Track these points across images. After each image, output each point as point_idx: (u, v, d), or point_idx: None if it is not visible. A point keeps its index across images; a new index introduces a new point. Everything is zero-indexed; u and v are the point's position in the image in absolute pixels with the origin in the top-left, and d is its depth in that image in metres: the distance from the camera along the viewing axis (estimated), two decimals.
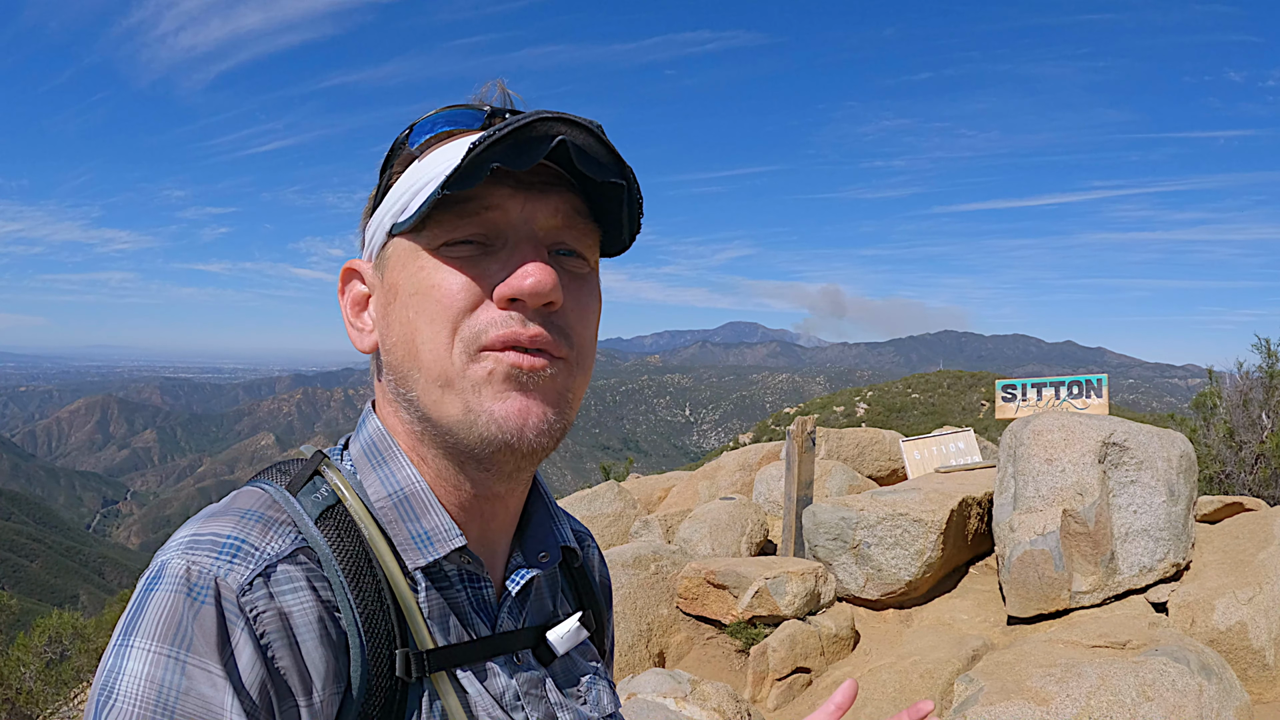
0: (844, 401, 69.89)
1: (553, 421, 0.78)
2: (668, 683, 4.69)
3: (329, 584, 0.76)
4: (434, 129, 0.81)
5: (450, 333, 0.76)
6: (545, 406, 0.78)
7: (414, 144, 0.81)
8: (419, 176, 0.78)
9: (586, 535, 1.10)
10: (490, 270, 0.77)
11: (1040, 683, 4.26)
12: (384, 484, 0.82)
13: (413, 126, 0.82)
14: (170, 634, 0.68)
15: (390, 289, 0.80)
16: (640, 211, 0.82)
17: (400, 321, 0.79)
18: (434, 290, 0.76)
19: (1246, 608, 5.33)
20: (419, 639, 0.78)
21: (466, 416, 0.77)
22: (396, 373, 0.81)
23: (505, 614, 0.86)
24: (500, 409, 0.76)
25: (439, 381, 0.77)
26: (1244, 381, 10.62)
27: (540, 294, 0.75)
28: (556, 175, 0.79)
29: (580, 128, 0.74)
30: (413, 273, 0.78)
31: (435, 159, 0.78)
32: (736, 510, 8.46)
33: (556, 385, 0.79)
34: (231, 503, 0.79)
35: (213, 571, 0.71)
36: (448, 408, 0.77)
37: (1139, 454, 6.00)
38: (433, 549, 0.80)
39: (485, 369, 0.76)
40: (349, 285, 0.88)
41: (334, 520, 0.79)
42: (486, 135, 0.71)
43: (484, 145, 0.71)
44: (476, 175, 0.72)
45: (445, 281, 0.76)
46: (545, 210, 0.78)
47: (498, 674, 0.83)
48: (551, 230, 0.79)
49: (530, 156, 0.73)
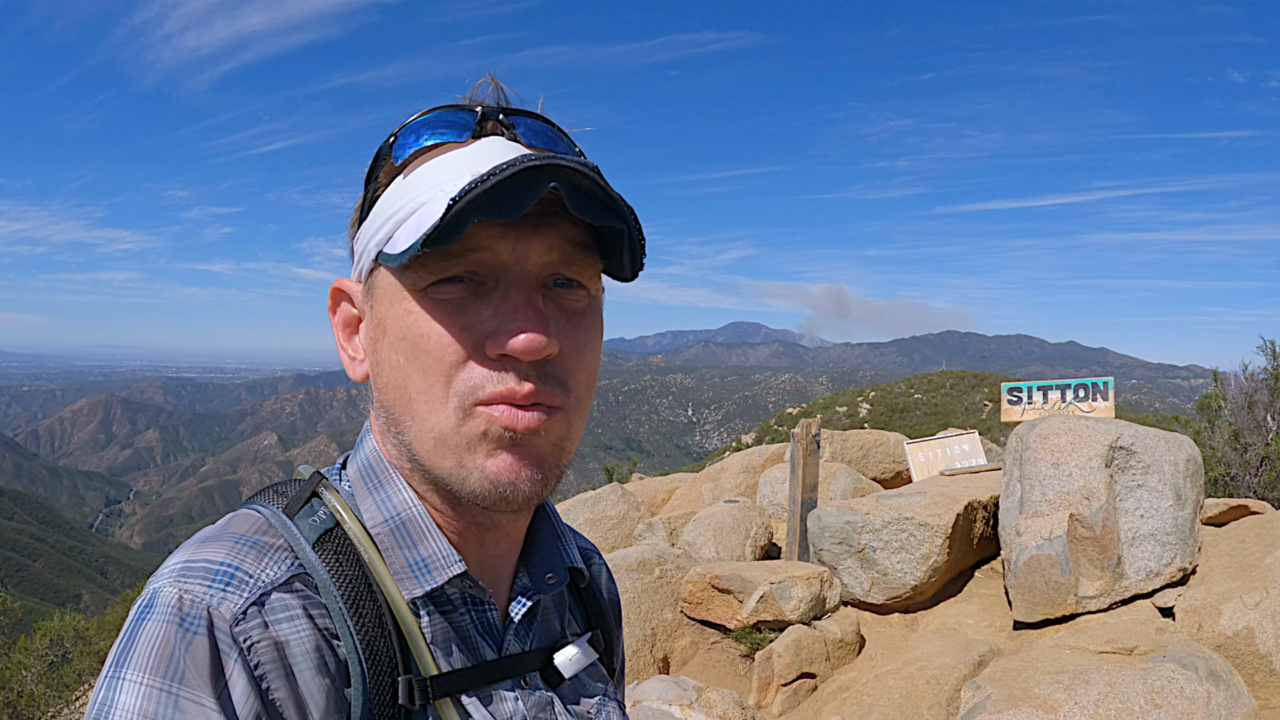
0: (847, 402, 69.92)
1: (546, 475, 0.75)
2: (672, 689, 4.66)
3: (327, 611, 0.73)
4: (419, 140, 0.76)
5: (444, 387, 0.73)
6: (538, 462, 0.75)
7: (399, 156, 0.77)
8: (402, 201, 0.74)
9: (593, 553, 1.07)
10: (481, 317, 0.72)
11: (1048, 690, 4.23)
12: (380, 509, 0.80)
13: (396, 134, 0.77)
14: (162, 666, 0.65)
15: (379, 324, 0.76)
16: (643, 251, 0.76)
17: (391, 365, 0.75)
18: (423, 340, 0.72)
19: (1254, 612, 5.30)
20: (422, 665, 0.76)
21: (459, 471, 0.74)
22: (389, 413, 0.77)
23: (511, 637, 0.83)
24: (493, 466, 0.73)
25: (433, 435, 0.74)
26: (1249, 383, 10.58)
27: (533, 353, 0.71)
28: (553, 206, 0.73)
29: (574, 171, 0.69)
30: (400, 315, 0.74)
31: (419, 180, 0.74)
32: (741, 513, 8.43)
33: (552, 439, 0.75)
34: (226, 527, 0.77)
35: (205, 601, 0.68)
36: (441, 460, 0.75)
37: (1145, 458, 5.97)
38: (430, 577, 0.77)
39: (479, 428, 0.73)
40: (339, 306, 0.84)
41: (332, 544, 0.76)
42: (469, 187, 0.66)
43: (465, 200, 0.66)
44: (457, 230, 0.68)
45: (433, 332, 0.72)
46: (538, 248, 0.73)
47: (504, 698, 0.80)
48: (547, 265, 0.74)
49: (518, 206, 0.68)
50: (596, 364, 0.81)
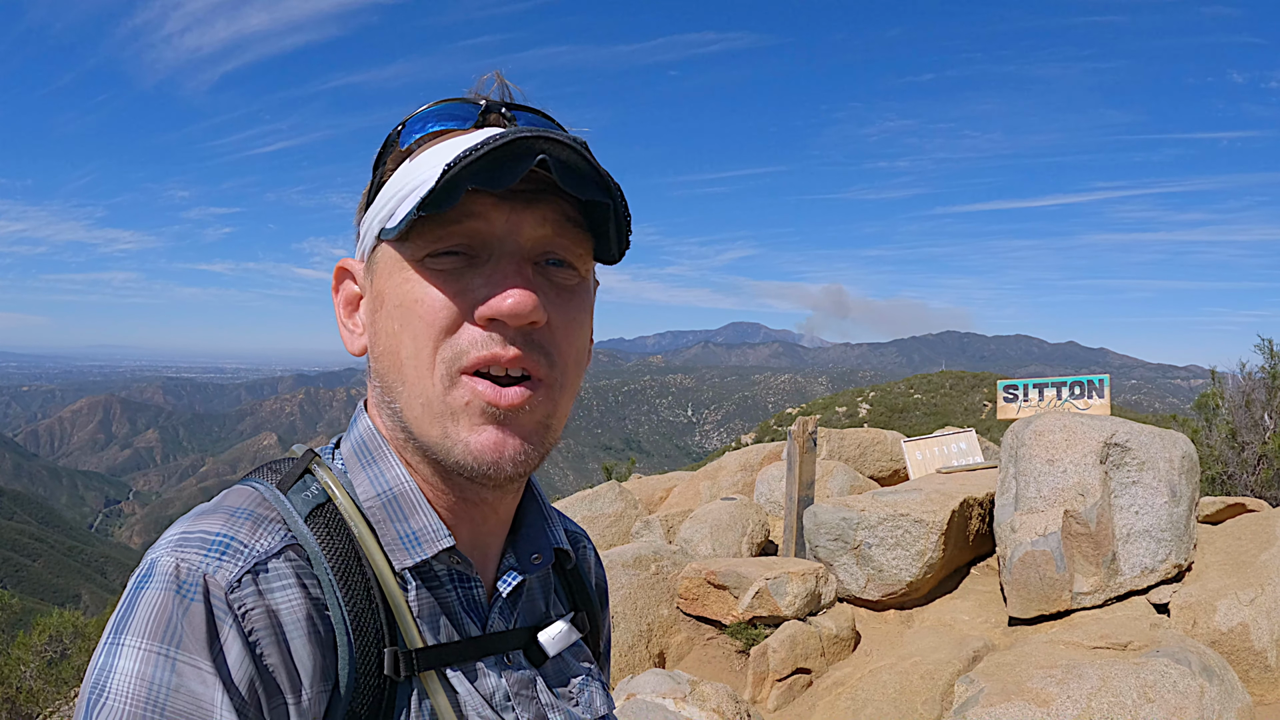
0: (846, 402, 69.86)
1: (530, 451, 0.78)
2: (667, 683, 4.68)
3: (318, 582, 0.75)
4: (425, 127, 0.80)
5: (432, 351, 0.76)
6: (522, 439, 0.77)
7: (405, 142, 0.80)
8: (407, 180, 0.77)
9: (581, 536, 1.09)
10: (473, 285, 0.76)
11: (1041, 684, 4.26)
12: (373, 483, 0.82)
13: (405, 122, 0.81)
14: (160, 631, 0.68)
15: (378, 296, 0.80)
16: (629, 228, 0.80)
17: (386, 332, 0.79)
18: (416, 306, 0.76)
19: (1248, 609, 5.32)
20: (408, 638, 0.78)
21: (444, 442, 0.77)
22: (383, 381, 0.81)
23: (496, 614, 0.86)
24: (476, 441, 0.76)
25: (420, 400, 0.77)
26: (1247, 382, 10.61)
27: (520, 315, 0.74)
28: (546, 182, 0.77)
29: (563, 145, 0.72)
30: (398, 284, 0.77)
31: (424, 161, 0.77)
32: (738, 510, 8.45)
33: (536, 417, 0.78)
34: (221, 501, 0.79)
35: (201, 569, 0.71)
36: (427, 427, 0.77)
37: (1141, 455, 5.99)
38: (420, 549, 0.80)
39: (462, 399, 0.76)
40: (342, 284, 0.88)
41: (323, 518, 0.79)
42: (462, 155, 0.70)
43: (459, 166, 0.70)
44: (453, 196, 0.71)
45: (427, 297, 0.76)
46: (531, 220, 0.77)
47: (488, 674, 0.83)
48: (540, 240, 0.78)
49: (509, 176, 0.72)
50: (585, 344, 0.84)
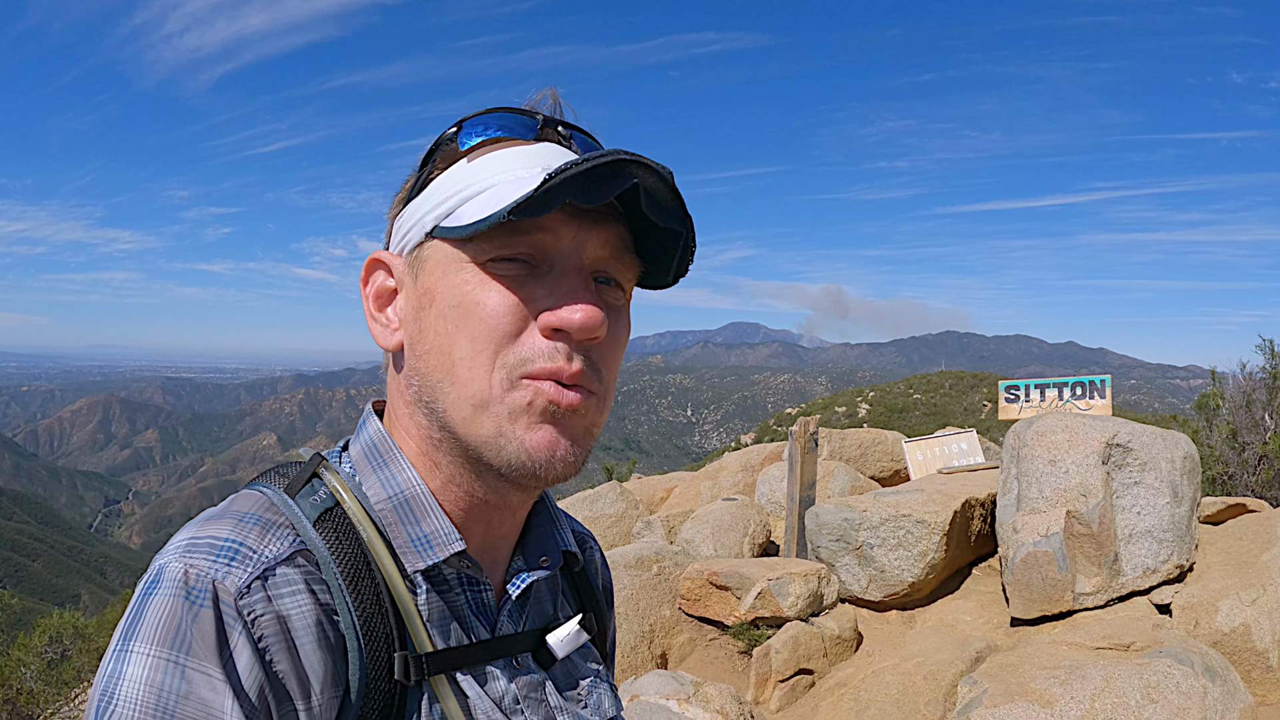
0: (846, 402, 69.91)
1: (578, 454, 0.78)
2: (670, 684, 4.68)
3: (327, 587, 0.75)
4: (485, 132, 0.80)
5: (492, 355, 0.75)
6: (572, 440, 0.78)
7: (465, 144, 0.80)
8: (468, 180, 0.77)
9: (588, 537, 1.09)
10: (536, 295, 0.76)
11: (1044, 684, 4.25)
12: (384, 486, 0.82)
13: (461, 123, 0.81)
14: (169, 638, 0.67)
15: (426, 293, 0.79)
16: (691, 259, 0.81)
17: (436, 331, 0.77)
18: (478, 308, 0.75)
19: (1250, 609, 5.32)
20: (418, 642, 0.77)
21: (497, 440, 0.76)
22: (424, 380, 0.79)
23: (505, 617, 0.85)
24: (531, 439, 0.76)
25: (473, 401, 0.76)
26: (1247, 382, 10.60)
27: (589, 329, 0.74)
28: (610, 205, 0.78)
29: (654, 172, 0.73)
30: (456, 283, 0.76)
31: (487, 165, 0.77)
32: (739, 511, 8.45)
33: (585, 421, 0.79)
34: (229, 506, 0.78)
35: (210, 574, 0.70)
36: (479, 427, 0.77)
37: (1142, 455, 5.98)
38: (432, 553, 0.79)
39: (524, 399, 0.75)
40: (373, 276, 0.85)
41: (332, 523, 0.78)
42: (565, 166, 0.70)
43: (560, 177, 0.70)
44: (547, 206, 0.71)
45: (491, 301, 0.75)
46: (597, 240, 0.77)
47: (497, 677, 0.82)
48: (598, 260, 0.78)
49: (602, 194, 0.72)
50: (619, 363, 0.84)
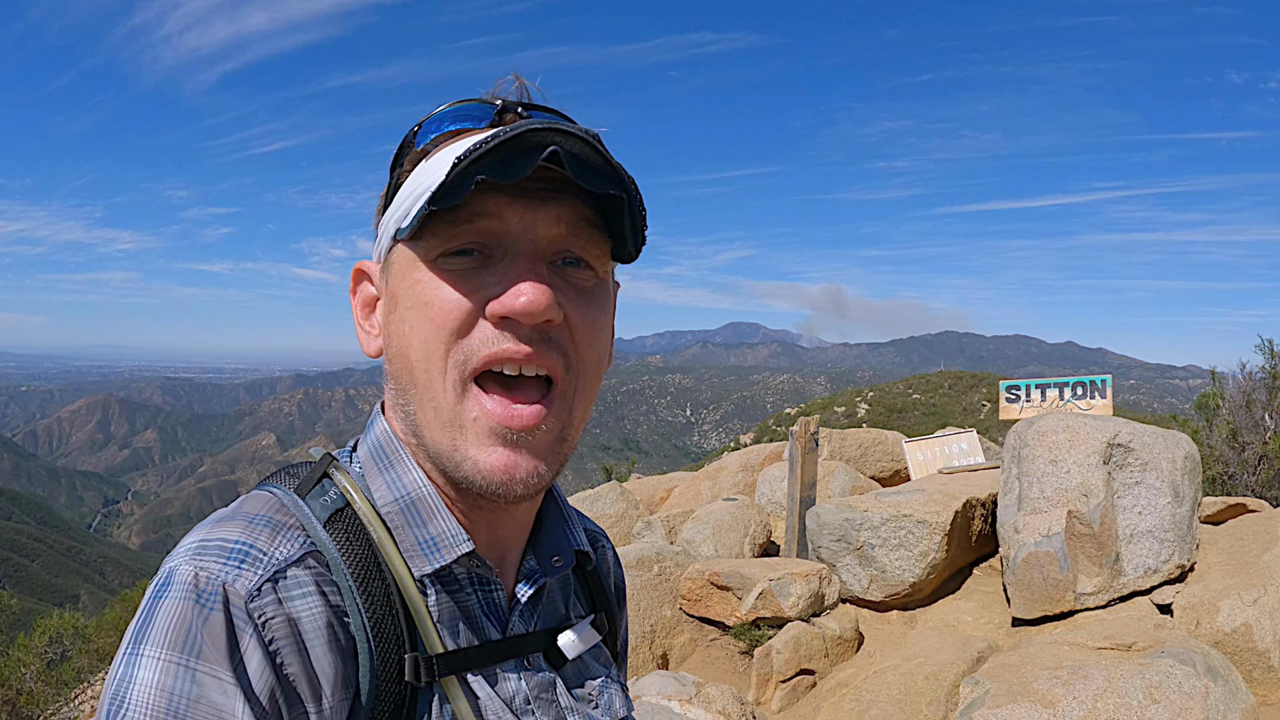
0: (845, 402, 69.90)
1: (544, 471, 0.76)
2: (672, 685, 4.67)
3: (338, 588, 0.74)
4: (441, 127, 0.79)
5: (444, 355, 0.74)
6: (535, 459, 0.76)
7: (421, 142, 0.79)
8: (422, 179, 0.76)
9: (600, 535, 1.08)
10: (486, 284, 0.74)
11: (1046, 685, 4.25)
12: (390, 488, 0.81)
13: (421, 123, 0.80)
14: (180, 641, 0.67)
15: (392, 297, 0.79)
16: (644, 224, 0.78)
17: (398, 334, 0.77)
18: (428, 307, 0.75)
19: (1251, 609, 5.31)
20: (429, 643, 0.77)
21: (453, 454, 0.76)
22: (396, 384, 0.80)
23: (516, 618, 0.85)
24: (485, 461, 0.74)
25: (432, 406, 0.76)
26: (1247, 382, 10.60)
27: (533, 313, 0.72)
28: (562, 181, 0.75)
29: (574, 138, 0.70)
30: (410, 284, 0.76)
31: (440, 160, 0.76)
32: (739, 511, 8.44)
33: (551, 434, 0.76)
34: (240, 507, 0.78)
35: (221, 577, 0.70)
36: (438, 435, 0.76)
37: (1144, 455, 5.98)
38: (439, 555, 0.79)
39: (471, 414, 0.74)
40: (359, 286, 0.87)
41: (343, 524, 0.78)
42: (473, 147, 0.69)
43: (470, 159, 0.69)
44: (462, 189, 0.70)
45: (439, 297, 0.74)
46: (546, 219, 0.75)
47: (508, 678, 0.82)
48: (555, 239, 0.76)
49: (520, 169, 0.70)
50: (605, 346, 0.82)
